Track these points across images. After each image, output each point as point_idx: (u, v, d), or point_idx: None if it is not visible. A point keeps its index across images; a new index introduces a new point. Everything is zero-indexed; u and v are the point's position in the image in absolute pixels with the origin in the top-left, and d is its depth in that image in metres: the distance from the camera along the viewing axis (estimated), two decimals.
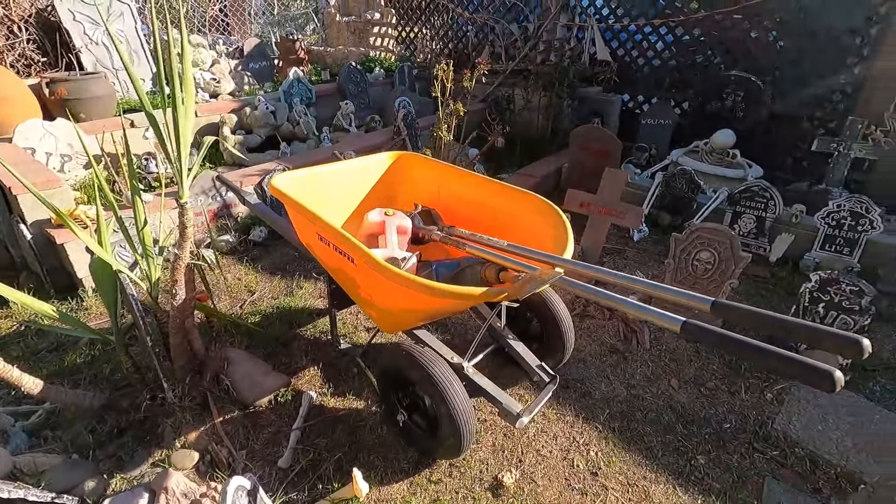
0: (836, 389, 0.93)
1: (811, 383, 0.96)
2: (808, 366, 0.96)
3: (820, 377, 0.94)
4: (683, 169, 3.87)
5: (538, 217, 2.08)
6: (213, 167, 4.34)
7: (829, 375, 0.92)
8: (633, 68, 5.48)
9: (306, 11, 8.98)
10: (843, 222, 3.34)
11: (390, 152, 2.68)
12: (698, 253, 2.64)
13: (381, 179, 2.65)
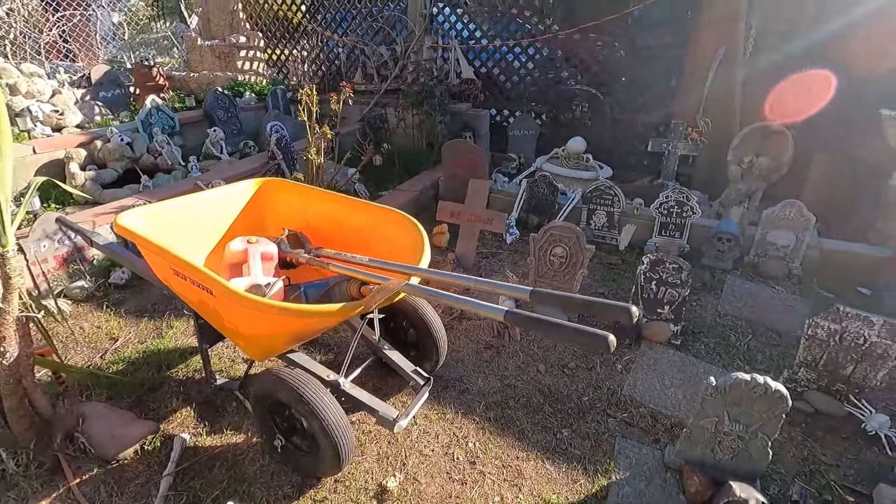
0: (611, 350, 1.14)
1: (595, 347, 1.16)
2: (591, 333, 1.17)
3: (600, 341, 1.15)
4: (543, 174, 4.28)
5: (399, 230, 2.21)
6: (59, 208, 3.93)
7: (604, 339, 1.14)
8: (497, 84, 5.93)
9: (165, 34, 8.45)
10: (671, 210, 3.92)
11: (254, 179, 2.66)
12: (553, 249, 2.95)
13: (248, 207, 2.62)
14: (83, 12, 6.30)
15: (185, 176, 4.54)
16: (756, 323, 3.08)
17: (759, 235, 3.71)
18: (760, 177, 4.44)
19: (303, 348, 2.71)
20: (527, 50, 5.62)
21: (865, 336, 2.28)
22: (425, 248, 1.99)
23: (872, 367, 2.32)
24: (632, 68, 5.14)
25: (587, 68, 5.33)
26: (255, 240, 2.18)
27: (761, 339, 2.96)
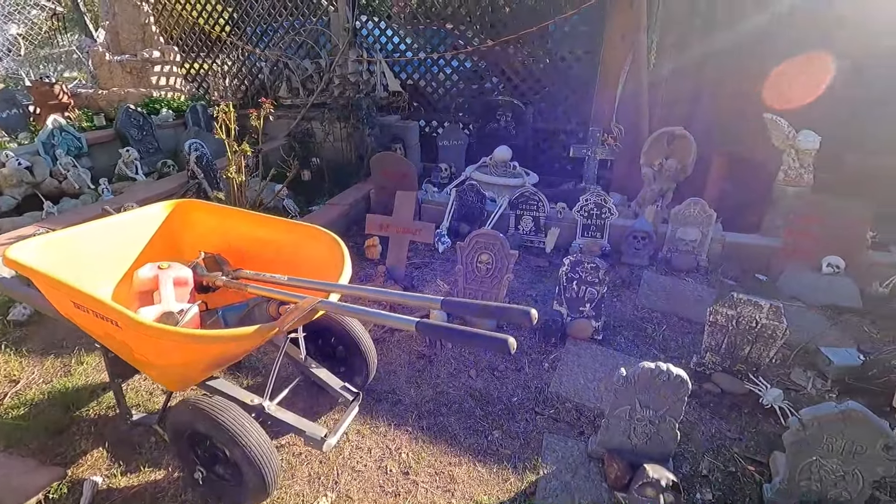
0: (511, 351, 1.21)
1: (497, 349, 1.23)
2: (492, 338, 1.23)
3: (500, 344, 1.21)
4: (471, 183, 4.39)
5: (320, 247, 2.20)
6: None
7: (504, 342, 1.20)
8: (425, 96, 6.02)
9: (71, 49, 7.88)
10: (591, 213, 4.15)
11: (168, 201, 2.55)
12: (479, 256, 3.04)
13: (161, 231, 2.51)
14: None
15: (95, 200, 4.25)
16: (670, 314, 3.32)
17: (669, 232, 4.00)
18: (670, 177, 4.80)
19: (228, 373, 2.62)
20: (452, 62, 5.76)
21: (757, 319, 2.52)
22: (345, 263, 2.00)
23: (765, 347, 2.57)
24: (551, 79, 5.40)
25: (510, 79, 5.55)
26: (167, 265, 2.09)
27: (675, 328, 3.19)
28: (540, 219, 4.26)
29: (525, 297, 3.47)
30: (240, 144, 3.55)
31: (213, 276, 2.18)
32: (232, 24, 6.33)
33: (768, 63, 4.47)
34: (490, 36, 5.42)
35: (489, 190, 4.98)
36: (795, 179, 4.03)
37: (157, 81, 6.14)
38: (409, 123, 5.81)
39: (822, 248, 3.65)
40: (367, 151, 5.17)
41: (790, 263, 3.73)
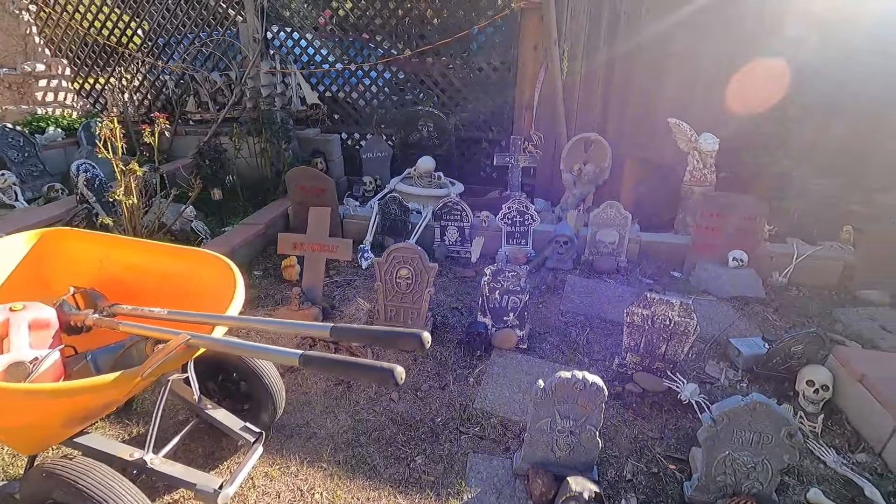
0: (398, 383, 1.09)
1: (382, 381, 1.10)
2: (379, 368, 1.11)
3: (386, 376, 1.09)
4: (393, 196, 4.27)
5: (211, 273, 1.99)
6: None
7: (390, 372, 1.08)
8: (345, 108, 5.85)
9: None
10: (515, 220, 4.16)
11: (32, 231, 2.23)
12: (398, 271, 2.92)
13: (24, 265, 2.18)
14: None
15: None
16: (593, 316, 3.36)
17: (590, 235, 4.08)
18: (589, 182, 4.93)
19: (114, 422, 2.31)
20: (371, 72, 5.64)
21: (670, 317, 2.58)
22: (236, 291, 1.81)
23: (679, 343, 2.63)
24: (471, 89, 5.41)
25: (430, 90, 5.51)
26: (21, 306, 1.80)
27: (598, 330, 3.22)
28: (465, 229, 4.22)
29: (451, 310, 3.39)
30: (141, 164, 3.22)
31: (81, 315, 1.90)
32: (129, 36, 5.86)
33: (669, 68, 4.72)
34: (411, 48, 5.36)
35: (414, 201, 4.89)
36: (700, 179, 4.26)
37: (42, 97, 5.55)
38: (329, 136, 5.61)
39: (728, 243, 3.86)
40: (285, 167, 4.91)
41: (700, 259, 3.91)
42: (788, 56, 4.28)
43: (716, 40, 4.49)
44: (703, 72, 4.68)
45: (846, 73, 4.18)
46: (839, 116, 4.33)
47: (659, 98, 4.89)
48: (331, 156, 5.59)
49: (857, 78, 4.18)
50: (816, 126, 4.47)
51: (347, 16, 5.47)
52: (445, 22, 5.22)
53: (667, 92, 4.83)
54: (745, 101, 4.67)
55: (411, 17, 5.34)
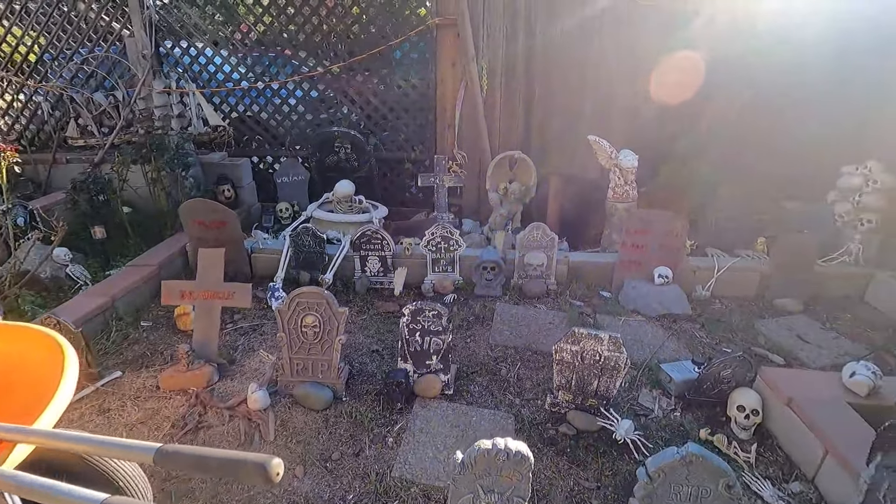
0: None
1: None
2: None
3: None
4: (305, 227, 3.90)
5: (35, 353, 1.56)
6: None
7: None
8: (254, 129, 5.39)
9: None
10: (439, 246, 3.92)
11: None
12: (303, 319, 2.57)
13: None
14: None
15: None
16: (523, 348, 3.16)
17: (518, 258, 3.91)
18: (516, 200, 4.80)
19: None
20: (296, 90, 5.22)
21: (600, 352, 2.41)
22: (64, 377, 1.41)
23: (611, 379, 2.47)
24: (391, 107, 5.16)
25: (348, 108, 5.21)
26: None
27: (529, 364, 3.03)
28: (387, 258, 3.92)
29: (370, 354, 3.06)
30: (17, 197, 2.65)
31: None
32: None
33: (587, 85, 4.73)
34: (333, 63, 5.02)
35: (334, 229, 4.54)
36: (622, 196, 4.24)
37: None
38: (238, 161, 5.14)
39: (653, 260, 3.83)
40: (183, 197, 4.40)
41: (627, 277, 3.85)
42: (701, 68, 4.39)
43: (630, 57, 4.53)
44: (621, 87, 4.72)
45: (753, 81, 4.35)
46: (750, 127, 4.49)
47: (579, 114, 4.87)
48: (240, 182, 5.11)
49: (763, 87, 4.36)
50: (730, 137, 4.62)
51: (267, 31, 5.05)
52: (368, 39, 4.95)
53: (586, 108, 4.82)
54: (661, 115, 4.75)
55: (336, 32, 4.99)
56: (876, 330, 3.48)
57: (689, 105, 4.58)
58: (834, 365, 3.06)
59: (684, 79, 4.46)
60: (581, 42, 4.64)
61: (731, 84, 4.43)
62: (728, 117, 4.54)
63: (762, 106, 4.40)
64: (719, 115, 4.57)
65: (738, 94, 4.46)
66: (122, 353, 3.01)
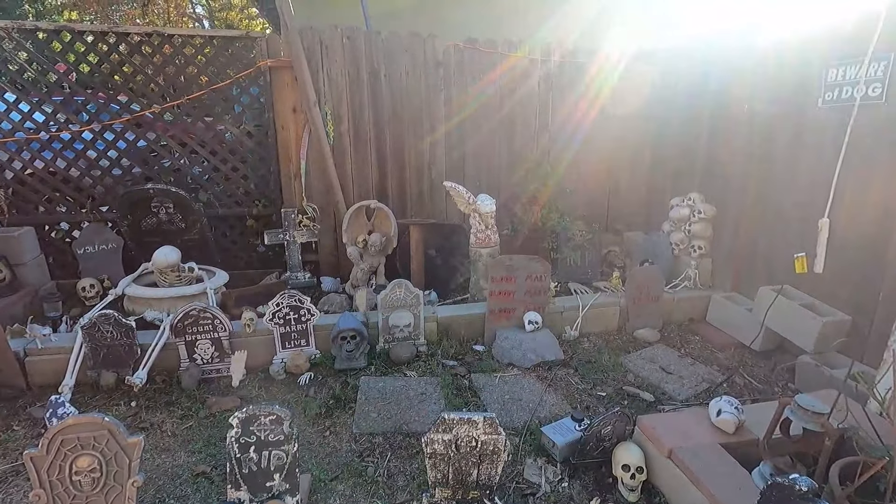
0: None
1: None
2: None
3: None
4: (104, 314, 3.03)
5: None
6: None
7: None
8: (41, 189, 4.29)
9: None
10: (289, 318, 3.33)
11: None
12: (74, 463, 1.81)
13: None
14: None
15: None
16: (393, 433, 2.70)
17: (381, 321, 3.49)
18: (378, 252, 4.42)
19: None
20: (124, 141, 4.24)
21: (475, 437, 2.06)
22: None
23: (492, 464, 2.13)
24: (223, 157, 4.47)
25: (166, 161, 4.41)
26: None
27: (401, 452, 2.57)
28: (222, 340, 3.21)
29: (194, 483, 2.34)
30: None
31: None
32: None
33: (438, 128, 4.62)
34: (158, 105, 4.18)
35: (156, 308, 3.67)
36: (485, 241, 4.10)
37: None
38: (13, 232, 3.98)
39: (521, 305, 3.69)
40: None
41: (499, 327, 3.66)
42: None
43: (478, 97, 4.53)
44: (473, 130, 4.70)
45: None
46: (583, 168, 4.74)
47: (433, 159, 4.73)
48: (21, 258, 3.97)
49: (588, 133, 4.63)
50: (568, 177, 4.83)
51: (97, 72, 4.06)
52: (194, 82, 4.25)
53: (438, 151, 4.70)
54: (511, 158, 4.81)
55: (165, 74, 4.19)
56: (721, 350, 3.71)
57: (536, 146, 4.73)
58: (696, 394, 3.14)
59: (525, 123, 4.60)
60: (426, 87, 4.54)
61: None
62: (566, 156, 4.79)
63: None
64: (559, 162, 4.80)
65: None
66: None
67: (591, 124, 4.87)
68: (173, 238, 4.19)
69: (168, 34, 4.11)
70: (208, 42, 4.18)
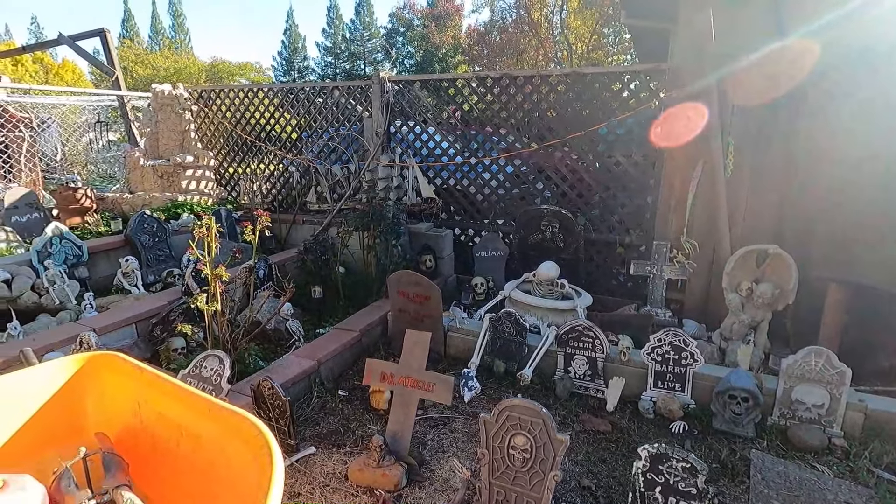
0: None
1: None
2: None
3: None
4: (508, 311, 3.55)
5: (242, 449, 1.39)
6: None
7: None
8: (460, 202, 5.45)
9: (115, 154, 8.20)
10: (667, 357, 3.15)
11: (77, 355, 1.86)
12: (513, 438, 2.10)
13: (58, 399, 1.78)
14: (14, 133, 5.94)
15: (76, 318, 3.72)
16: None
17: (781, 391, 2.90)
18: (764, 306, 3.76)
19: None
20: (492, 166, 5.23)
21: None
22: (272, 488, 1.17)
23: None
24: (604, 185, 4.70)
25: (556, 186, 4.91)
26: (2, 482, 1.32)
27: None
28: (597, 361, 3.29)
29: (580, 494, 2.41)
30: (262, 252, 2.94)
31: (77, 497, 1.38)
32: (266, 133, 6.22)
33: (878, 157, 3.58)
34: (534, 139, 4.90)
35: (531, 314, 4.12)
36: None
37: (186, 185, 5.97)
38: (441, 232, 5.19)
39: None
40: (391, 264, 4.51)
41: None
42: None
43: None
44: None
45: None
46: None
47: (863, 200, 3.70)
48: (441, 252, 5.13)
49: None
50: None
51: (471, 110, 5.23)
52: (573, 114, 4.70)
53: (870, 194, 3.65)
54: None
55: (539, 110, 4.92)
56: None
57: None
58: None
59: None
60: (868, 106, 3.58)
61: None
62: None
63: None
64: None
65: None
66: (318, 423, 2.95)
67: None
68: (551, 255, 4.62)
69: (578, 73, 4.56)
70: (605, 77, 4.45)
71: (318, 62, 44.73)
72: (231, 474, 1.42)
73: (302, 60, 45.72)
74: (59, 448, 1.66)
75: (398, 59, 40.21)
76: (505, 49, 30.49)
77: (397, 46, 40.55)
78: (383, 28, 41.95)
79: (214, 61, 32.69)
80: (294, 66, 45.00)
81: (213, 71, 30.11)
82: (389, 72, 5.24)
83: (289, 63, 45.23)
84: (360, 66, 42.85)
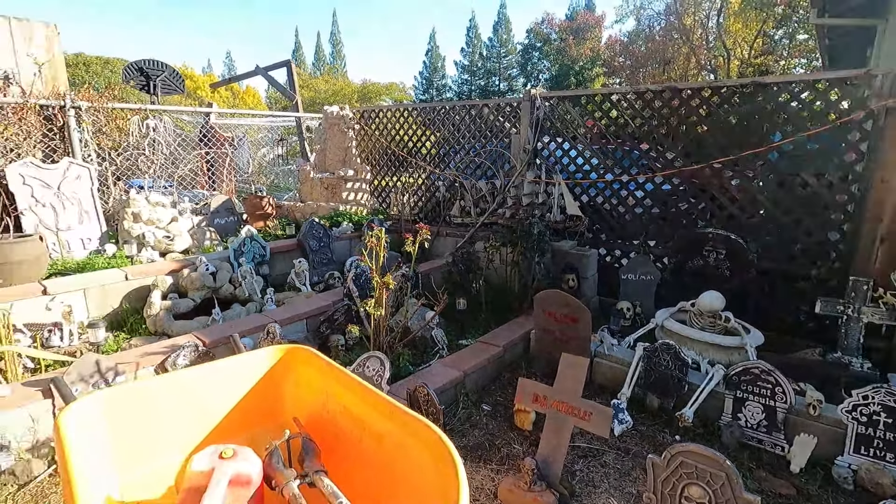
0: None
1: None
2: None
3: None
4: (666, 343, 3.26)
5: (422, 452, 1.45)
6: (128, 338, 3.82)
7: None
8: (607, 220, 5.21)
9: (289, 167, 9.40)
10: (877, 419, 2.61)
11: (279, 346, 2.13)
12: (686, 488, 1.90)
13: (263, 383, 2.06)
14: (220, 150, 7.14)
15: (259, 309, 4.31)
16: None
17: None
18: None
19: None
20: (644, 185, 4.92)
21: None
22: (461, 498, 1.20)
23: None
24: (782, 209, 4.12)
25: (721, 207, 4.43)
26: (231, 452, 1.54)
27: None
28: (777, 411, 2.86)
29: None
30: (408, 261, 3.16)
31: (283, 477, 1.55)
32: (419, 147, 6.63)
33: None
34: (696, 155, 4.48)
35: (688, 347, 3.74)
36: None
37: (346, 196, 6.60)
38: (586, 251, 4.99)
39: None
40: (533, 281, 4.46)
41: None
42: None
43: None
44: None
45: None
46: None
47: None
48: (584, 272, 4.93)
49: None
50: None
51: (627, 125, 4.98)
52: (731, 126, 4.22)
53: None
54: None
55: (706, 124, 4.50)
56: None
57: None
58: None
59: None
60: None
61: None
62: None
63: None
64: None
65: None
66: (464, 434, 3.00)
67: None
68: (712, 284, 4.15)
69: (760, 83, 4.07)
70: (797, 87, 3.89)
71: (455, 80, 46.77)
72: (412, 477, 1.49)
73: (440, 79, 48.22)
74: (263, 428, 1.91)
75: (533, 74, 40.27)
76: (650, 59, 28.76)
77: (533, 62, 40.65)
78: (520, 44, 42.40)
79: (365, 83, 36.12)
80: (433, 85, 47.63)
81: (363, 92, 33.30)
82: (539, 88, 5.19)
83: (428, 82, 48.02)
84: (494, 82, 43.83)
